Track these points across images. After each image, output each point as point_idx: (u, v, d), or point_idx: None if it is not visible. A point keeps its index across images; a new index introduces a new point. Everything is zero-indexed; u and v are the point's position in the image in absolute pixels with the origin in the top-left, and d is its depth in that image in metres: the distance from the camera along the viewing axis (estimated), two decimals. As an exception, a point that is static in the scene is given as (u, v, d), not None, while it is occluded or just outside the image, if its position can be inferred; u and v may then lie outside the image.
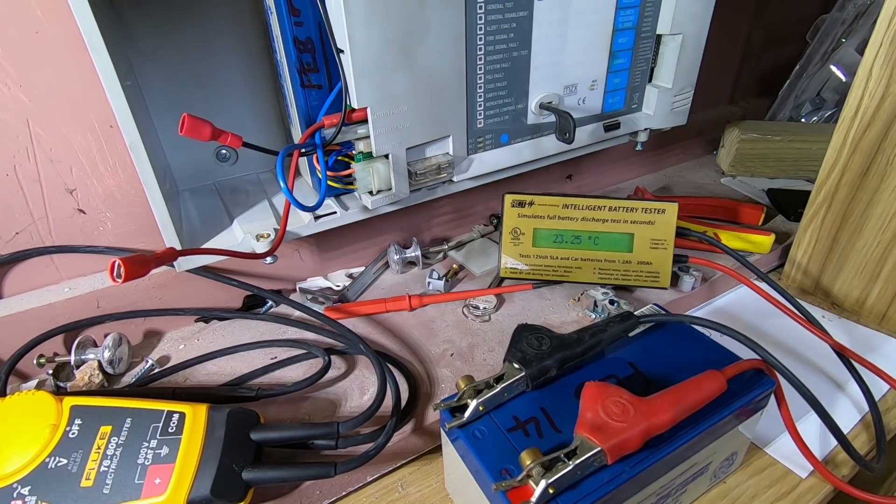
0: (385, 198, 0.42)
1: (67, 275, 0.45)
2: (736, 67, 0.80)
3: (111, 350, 0.43)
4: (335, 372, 0.43)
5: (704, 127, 0.78)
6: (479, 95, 0.43)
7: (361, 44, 0.35)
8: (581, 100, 0.48)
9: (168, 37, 0.42)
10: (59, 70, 0.38)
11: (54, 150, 0.40)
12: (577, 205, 0.49)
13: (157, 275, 0.46)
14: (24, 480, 0.30)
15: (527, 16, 0.42)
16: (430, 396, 0.42)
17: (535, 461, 0.25)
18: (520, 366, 0.30)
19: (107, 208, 0.44)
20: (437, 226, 0.60)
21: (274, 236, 0.41)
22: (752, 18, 0.76)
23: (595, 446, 0.25)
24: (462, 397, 0.29)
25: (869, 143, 0.46)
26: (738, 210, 0.62)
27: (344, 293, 0.52)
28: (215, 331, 0.48)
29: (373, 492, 0.36)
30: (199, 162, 0.49)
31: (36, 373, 0.44)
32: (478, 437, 0.28)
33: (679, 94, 0.52)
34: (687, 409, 0.27)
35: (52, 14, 0.37)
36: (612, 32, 0.46)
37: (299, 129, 0.43)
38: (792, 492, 0.35)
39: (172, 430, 0.32)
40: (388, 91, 0.38)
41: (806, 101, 0.77)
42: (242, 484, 0.32)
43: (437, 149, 0.44)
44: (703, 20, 0.49)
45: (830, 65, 0.74)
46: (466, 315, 0.50)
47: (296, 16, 0.38)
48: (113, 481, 0.30)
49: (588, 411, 0.27)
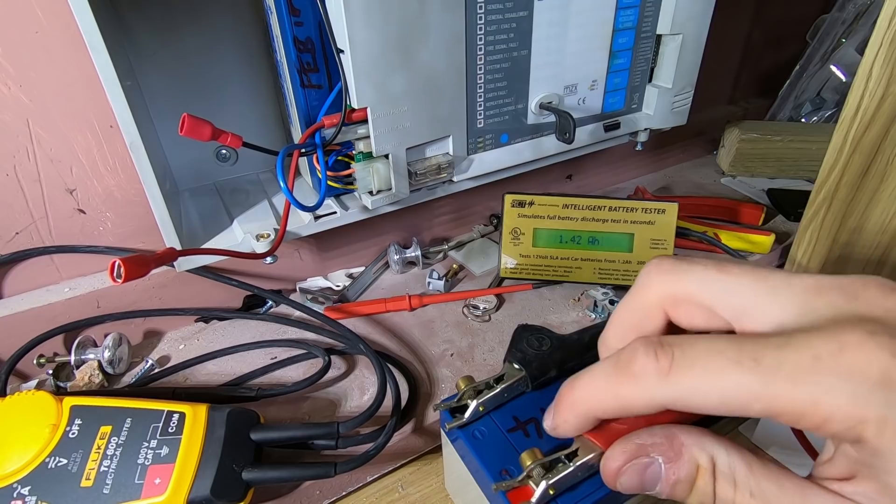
0: (385, 198, 0.42)
1: (67, 275, 0.45)
2: (736, 67, 0.80)
3: (111, 350, 0.43)
4: (335, 372, 0.43)
5: (704, 127, 0.78)
6: (479, 95, 0.43)
7: (361, 44, 0.35)
8: (581, 100, 0.48)
9: (168, 37, 0.42)
10: (59, 70, 0.38)
11: (54, 150, 0.40)
12: (577, 205, 0.49)
13: (157, 275, 0.46)
14: (24, 480, 0.30)
15: (527, 16, 0.42)
16: (430, 396, 0.42)
17: (536, 462, 0.25)
18: (520, 366, 0.30)
19: (107, 208, 0.44)
20: (437, 226, 0.60)
21: (274, 236, 0.41)
22: (752, 18, 0.76)
23: (596, 448, 0.25)
24: (462, 397, 0.29)
25: (869, 143, 0.46)
26: (738, 210, 0.62)
27: (344, 293, 0.52)
28: (215, 331, 0.48)
29: (373, 492, 0.36)
30: (199, 162, 0.49)
31: (36, 373, 0.44)
32: (478, 438, 0.28)
33: (679, 94, 0.52)
34: (689, 413, 0.27)
35: (52, 14, 0.36)
36: (612, 32, 0.46)
37: (299, 129, 0.43)
38: (792, 492, 0.35)
39: (172, 430, 0.32)
40: (388, 91, 0.38)
41: (806, 101, 0.77)
42: (242, 484, 0.32)
43: (437, 149, 0.44)
44: (703, 20, 0.49)
45: (830, 65, 0.74)
46: (466, 315, 0.50)
47: (296, 16, 0.38)
48: (113, 481, 0.30)
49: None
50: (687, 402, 0.17)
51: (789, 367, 0.15)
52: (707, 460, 0.17)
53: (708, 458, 0.17)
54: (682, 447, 0.18)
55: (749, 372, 0.15)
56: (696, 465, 0.17)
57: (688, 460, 0.17)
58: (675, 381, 0.17)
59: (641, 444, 0.18)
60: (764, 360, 0.15)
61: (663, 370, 0.17)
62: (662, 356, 0.17)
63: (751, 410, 0.16)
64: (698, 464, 0.17)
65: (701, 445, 0.17)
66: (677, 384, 0.17)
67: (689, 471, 0.17)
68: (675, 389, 0.17)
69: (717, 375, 0.16)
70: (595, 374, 0.19)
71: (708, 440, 0.18)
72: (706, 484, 0.17)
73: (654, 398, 0.17)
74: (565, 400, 0.20)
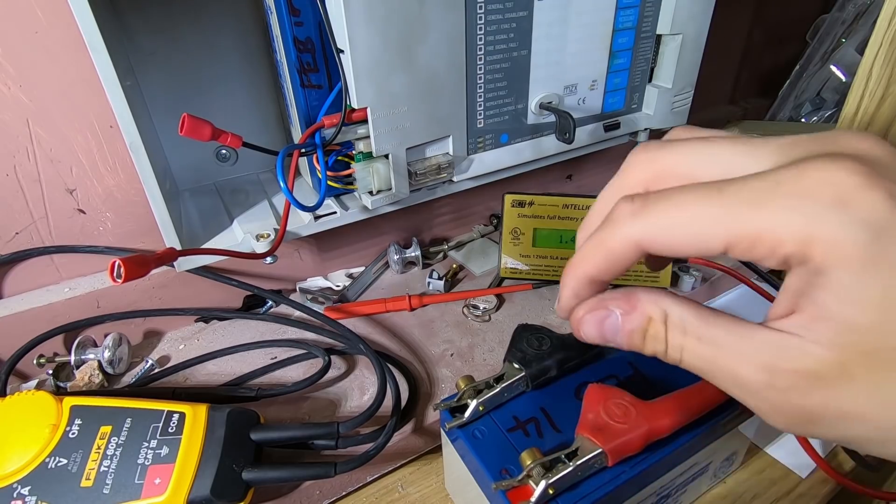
0: (385, 198, 0.42)
1: (67, 275, 0.45)
2: (736, 67, 0.80)
3: (111, 350, 0.43)
4: (335, 372, 0.43)
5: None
6: (479, 95, 0.43)
7: (361, 44, 0.35)
8: (581, 100, 0.48)
9: (168, 37, 0.42)
10: (59, 70, 0.38)
11: (54, 150, 0.40)
12: (577, 205, 0.49)
13: (157, 275, 0.46)
14: (24, 480, 0.30)
15: (527, 16, 0.42)
16: (430, 396, 0.42)
17: (536, 461, 0.25)
18: (520, 366, 0.30)
19: (107, 208, 0.44)
20: (437, 226, 0.60)
21: (274, 236, 0.41)
22: (752, 18, 0.76)
23: (596, 448, 0.25)
24: (462, 397, 0.29)
25: (869, 143, 0.46)
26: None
27: (344, 293, 0.52)
28: (215, 331, 0.48)
29: (373, 492, 0.36)
30: (199, 162, 0.49)
31: (36, 373, 0.44)
32: (478, 437, 0.28)
33: (679, 94, 0.52)
34: (690, 414, 0.27)
35: (52, 14, 0.37)
36: (612, 32, 0.46)
37: (299, 129, 0.43)
38: (792, 491, 0.35)
39: (172, 430, 0.32)
40: (388, 91, 0.38)
41: (806, 101, 0.77)
42: (242, 484, 0.32)
43: (437, 149, 0.44)
44: (703, 20, 0.49)
45: (830, 65, 0.74)
46: (466, 315, 0.50)
47: (296, 16, 0.38)
48: (113, 481, 0.30)
49: (590, 412, 0.27)
50: (657, 239, 0.17)
51: (748, 193, 0.16)
52: (659, 312, 0.18)
53: (660, 311, 0.18)
54: (638, 301, 0.19)
55: (712, 200, 0.16)
56: (648, 317, 0.18)
57: (641, 312, 0.18)
58: (646, 216, 0.17)
59: (602, 298, 0.20)
60: (727, 189, 0.16)
61: (636, 209, 0.18)
62: (639, 199, 0.18)
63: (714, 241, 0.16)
64: (650, 316, 0.18)
65: (654, 300, 0.18)
66: (647, 219, 0.17)
67: (641, 321, 0.18)
68: (646, 225, 0.17)
69: (684, 209, 0.17)
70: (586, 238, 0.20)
71: (664, 297, 0.18)
72: (658, 332, 0.18)
73: (627, 236, 0.18)
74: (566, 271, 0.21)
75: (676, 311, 0.18)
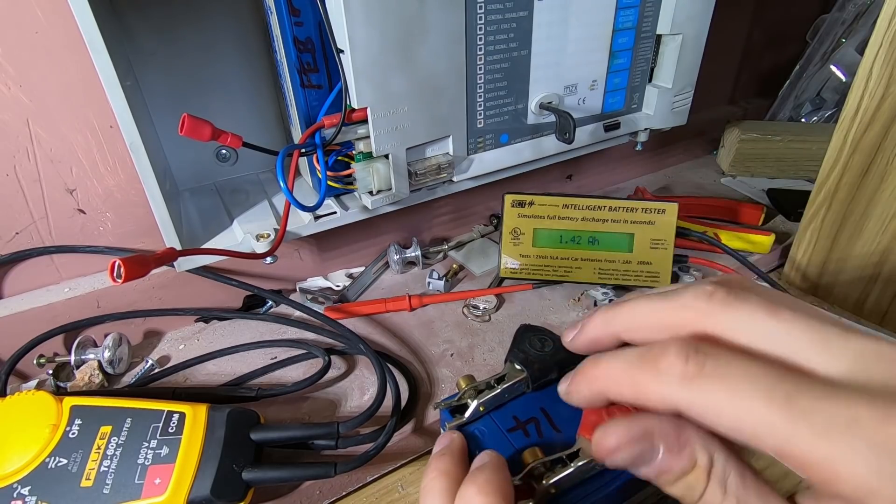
0: (385, 198, 0.42)
1: (67, 275, 0.45)
2: (736, 67, 0.80)
3: (111, 350, 0.43)
4: (335, 372, 0.43)
5: (704, 127, 0.78)
6: (479, 95, 0.43)
7: (361, 44, 0.35)
8: (581, 100, 0.48)
9: (168, 37, 0.42)
10: (59, 70, 0.38)
11: (54, 150, 0.40)
12: (577, 205, 0.49)
13: (157, 275, 0.46)
14: (24, 480, 0.30)
15: (527, 16, 0.42)
16: (430, 396, 0.42)
17: (537, 461, 0.25)
18: (522, 367, 0.30)
19: (107, 208, 0.44)
20: (437, 226, 0.60)
21: (274, 236, 0.41)
22: (752, 18, 0.76)
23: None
24: (462, 397, 0.29)
25: (869, 143, 0.46)
26: (738, 210, 0.62)
27: (344, 293, 0.52)
28: (215, 331, 0.48)
29: (373, 492, 0.36)
30: (199, 162, 0.49)
31: (36, 373, 0.44)
32: (478, 437, 0.28)
33: (679, 94, 0.52)
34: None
35: (52, 14, 0.36)
36: (612, 32, 0.46)
37: (299, 129, 0.43)
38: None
39: (172, 430, 0.32)
40: (388, 91, 0.38)
41: (806, 101, 0.77)
42: (242, 484, 0.32)
43: (437, 149, 0.44)
44: (703, 20, 0.49)
45: (830, 65, 0.74)
46: (466, 315, 0.50)
47: (296, 16, 0.38)
48: (113, 481, 0.30)
49: (591, 414, 0.27)
50: (700, 414, 0.16)
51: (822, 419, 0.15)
52: (706, 460, 0.17)
53: (708, 458, 0.17)
54: (688, 441, 0.17)
55: (777, 408, 0.15)
56: (693, 462, 0.17)
57: (688, 455, 0.17)
58: (697, 389, 0.16)
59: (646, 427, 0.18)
60: (798, 403, 0.15)
61: (689, 374, 0.16)
62: (693, 361, 0.16)
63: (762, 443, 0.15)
64: (696, 461, 0.17)
65: (705, 444, 0.17)
66: (698, 393, 0.16)
67: (685, 465, 0.17)
68: (693, 397, 0.16)
69: (741, 399, 0.15)
70: (621, 357, 0.19)
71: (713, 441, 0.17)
72: (698, 482, 0.17)
73: (669, 398, 0.17)
74: (587, 373, 0.20)
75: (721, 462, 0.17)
